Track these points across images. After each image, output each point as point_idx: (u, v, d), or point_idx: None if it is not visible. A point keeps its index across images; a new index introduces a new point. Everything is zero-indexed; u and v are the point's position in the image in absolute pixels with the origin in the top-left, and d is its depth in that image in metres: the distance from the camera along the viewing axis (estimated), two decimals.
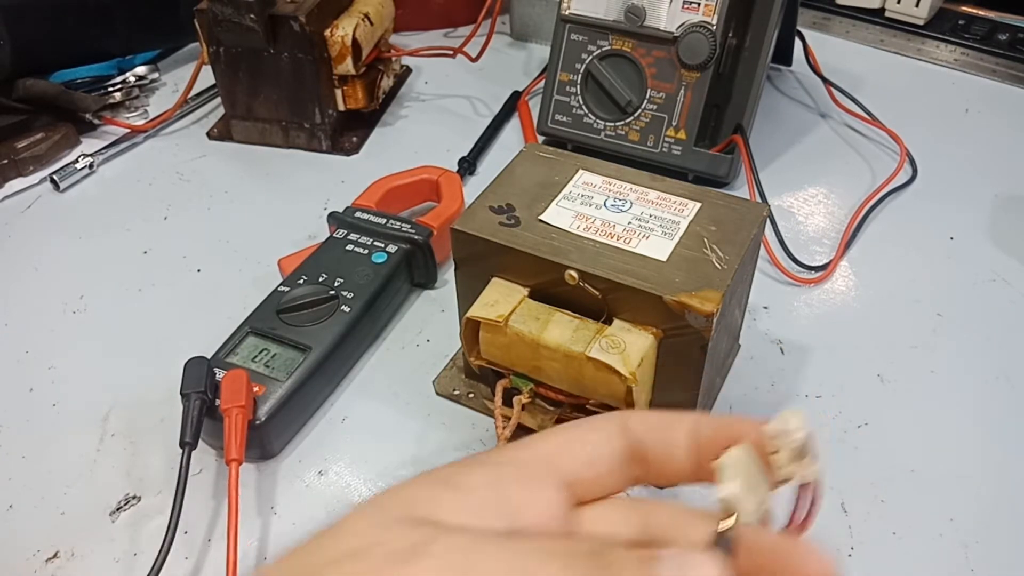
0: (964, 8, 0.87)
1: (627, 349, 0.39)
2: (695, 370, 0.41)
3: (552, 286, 0.42)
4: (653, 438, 0.25)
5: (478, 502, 0.23)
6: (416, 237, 0.55)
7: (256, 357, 0.47)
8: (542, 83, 0.70)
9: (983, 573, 0.40)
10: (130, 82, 0.76)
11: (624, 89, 0.64)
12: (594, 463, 0.25)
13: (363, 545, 0.21)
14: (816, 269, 0.57)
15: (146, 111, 0.76)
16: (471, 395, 0.49)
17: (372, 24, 0.68)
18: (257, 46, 0.65)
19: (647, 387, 0.41)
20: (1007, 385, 0.50)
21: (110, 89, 0.75)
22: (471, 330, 0.43)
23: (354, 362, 0.52)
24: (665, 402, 0.43)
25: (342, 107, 0.70)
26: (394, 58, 0.75)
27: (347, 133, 0.72)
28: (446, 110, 0.77)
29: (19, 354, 0.53)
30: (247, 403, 0.44)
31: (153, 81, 0.78)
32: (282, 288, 0.51)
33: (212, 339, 0.49)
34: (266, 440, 0.46)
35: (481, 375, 0.47)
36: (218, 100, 0.73)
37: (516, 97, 0.76)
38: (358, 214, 0.56)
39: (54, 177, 0.67)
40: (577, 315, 0.41)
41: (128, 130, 0.72)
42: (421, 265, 0.55)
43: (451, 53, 0.75)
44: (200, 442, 0.45)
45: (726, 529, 0.22)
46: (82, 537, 0.43)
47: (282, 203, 0.65)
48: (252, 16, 0.63)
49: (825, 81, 0.74)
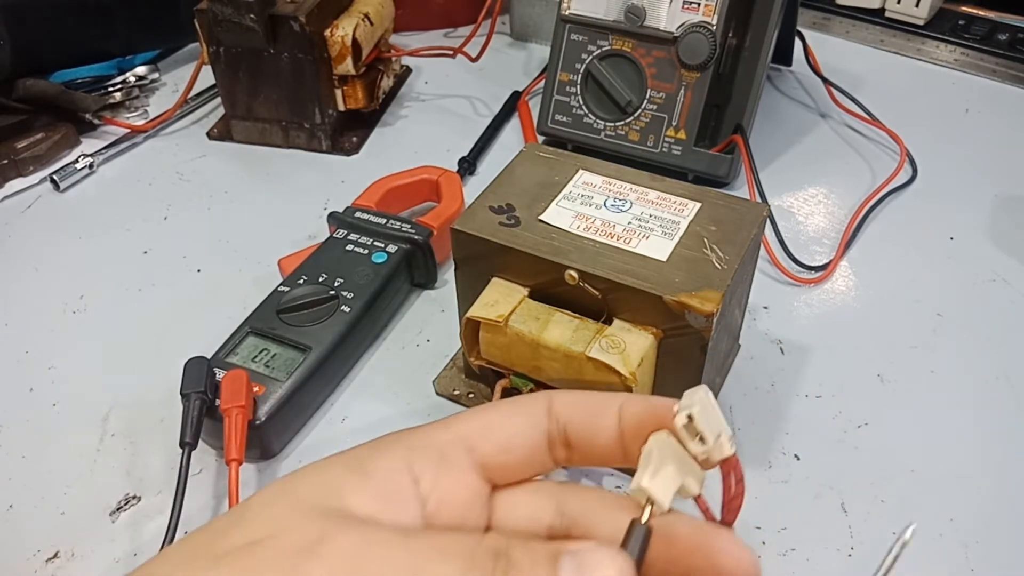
0: (964, 8, 0.87)
1: (627, 349, 0.39)
2: (695, 370, 0.41)
3: (552, 286, 0.42)
4: (579, 421, 0.24)
5: (389, 489, 0.22)
6: (416, 237, 0.55)
7: (256, 357, 0.48)
8: (542, 83, 0.70)
9: (983, 573, 0.40)
10: (130, 82, 0.76)
11: (624, 89, 0.64)
12: (513, 447, 0.24)
13: (262, 536, 0.21)
14: (816, 269, 0.57)
15: (146, 111, 0.76)
16: (471, 395, 0.49)
17: (372, 24, 0.68)
18: (257, 46, 0.65)
19: (647, 387, 0.41)
20: (1007, 385, 0.50)
21: (110, 89, 0.75)
22: (471, 330, 0.43)
23: (354, 362, 0.52)
24: None
25: (342, 107, 0.70)
26: (394, 58, 0.75)
27: (347, 133, 0.72)
28: (446, 110, 0.77)
29: (19, 354, 0.53)
30: (247, 403, 0.44)
31: (153, 81, 0.78)
32: (282, 288, 0.51)
33: (212, 339, 0.49)
34: (266, 440, 0.46)
35: (481, 375, 0.47)
36: (218, 100, 0.73)
37: (516, 97, 0.76)
38: (358, 214, 0.56)
39: (54, 177, 0.67)
40: (577, 315, 0.41)
41: (128, 130, 0.72)
42: (421, 265, 0.55)
43: (451, 53, 0.75)
44: (200, 442, 0.45)
45: (641, 520, 0.21)
46: (82, 537, 0.43)
47: (282, 203, 0.65)
48: (252, 16, 0.63)
49: (825, 81, 0.74)
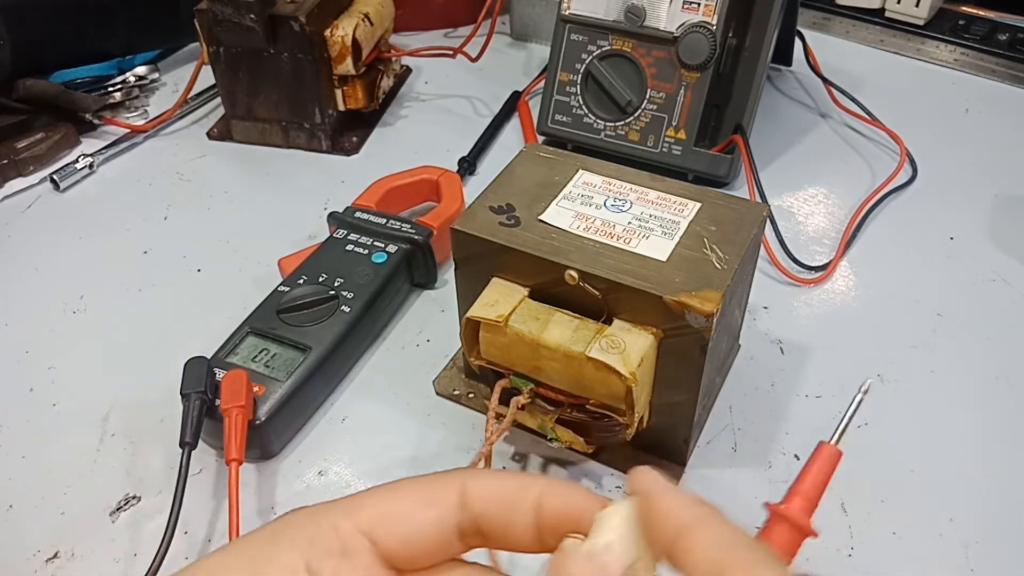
0: (964, 8, 0.87)
1: (627, 349, 0.39)
2: (695, 370, 0.41)
3: (552, 286, 0.42)
4: (494, 512, 0.23)
5: None
6: (416, 237, 0.55)
7: (256, 357, 0.48)
8: (542, 83, 0.70)
9: (983, 573, 0.40)
10: (130, 82, 0.76)
11: (624, 89, 0.64)
12: (416, 541, 0.23)
13: None
14: (816, 269, 0.57)
15: (146, 111, 0.76)
16: (471, 395, 0.49)
17: (372, 24, 0.68)
18: (257, 46, 0.65)
19: (647, 387, 0.41)
20: (1007, 385, 0.50)
21: (110, 89, 0.75)
22: (471, 330, 0.43)
23: (354, 362, 0.52)
24: (665, 402, 0.43)
25: (342, 107, 0.70)
26: (394, 58, 0.75)
27: (347, 133, 0.72)
28: (446, 110, 0.77)
29: (19, 354, 0.53)
30: (247, 403, 0.44)
31: (153, 81, 0.78)
32: (282, 288, 0.51)
33: (212, 339, 0.49)
34: (266, 440, 0.46)
35: (481, 375, 0.47)
36: (218, 100, 0.73)
37: (516, 97, 0.76)
38: (358, 214, 0.56)
39: (54, 177, 0.67)
40: (577, 315, 0.41)
41: (128, 130, 0.72)
42: (421, 265, 0.55)
43: (451, 53, 0.75)
44: (200, 442, 0.45)
45: None
46: (82, 537, 0.43)
47: (282, 203, 0.65)
48: (252, 16, 0.63)
49: (825, 81, 0.74)
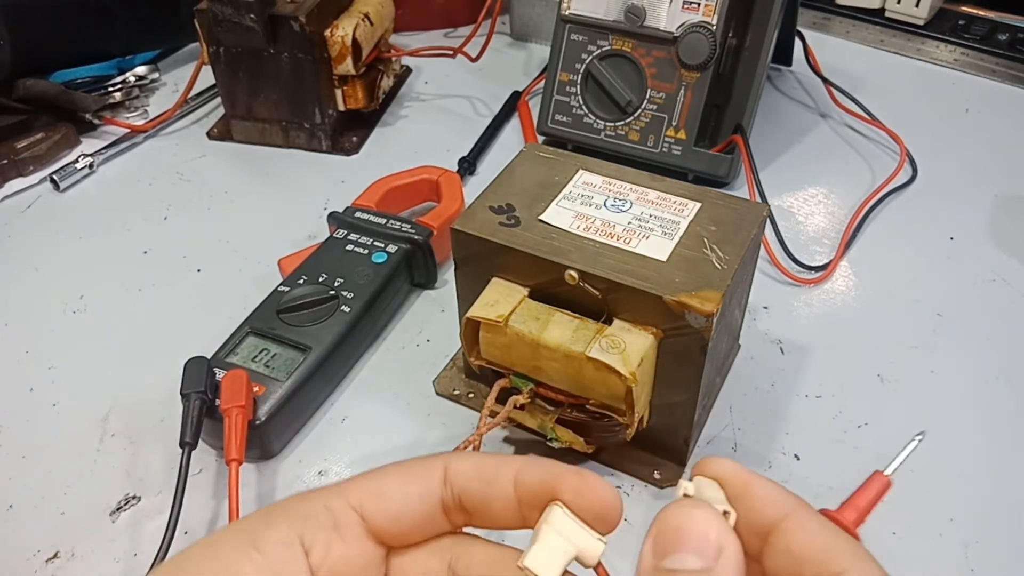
0: (964, 8, 0.87)
1: (627, 349, 0.39)
2: (695, 370, 0.41)
3: (552, 286, 0.42)
4: (474, 488, 0.24)
5: (278, 563, 0.23)
6: (416, 237, 0.55)
7: (256, 357, 0.47)
8: (542, 83, 0.70)
9: (983, 573, 0.40)
10: (130, 82, 0.76)
11: (624, 89, 0.64)
12: (405, 515, 0.24)
13: None
14: (816, 269, 0.57)
15: (146, 111, 0.76)
16: (471, 395, 0.49)
17: (372, 24, 0.68)
18: (257, 46, 0.65)
19: (647, 387, 0.41)
20: (1007, 385, 0.50)
21: (110, 89, 0.75)
22: (471, 330, 0.43)
23: (354, 362, 0.52)
24: (665, 402, 0.43)
25: (342, 107, 0.70)
26: (394, 58, 0.75)
27: (347, 133, 0.72)
28: (446, 110, 0.77)
29: (19, 354, 0.53)
30: (247, 403, 0.44)
31: (153, 81, 0.78)
32: (282, 288, 0.51)
33: (212, 339, 0.49)
34: (266, 440, 0.46)
35: (481, 375, 0.47)
36: (218, 100, 0.73)
37: (516, 97, 0.76)
38: (358, 214, 0.56)
39: (54, 177, 0.67)
40: (577, 315, 0.41)
41: (128, 130, 0.72)
42: (421, 265, 0.55)
43: (451, 53, 0.75)
44: (200, 442, 0.45)
45: None
46: (82, 537, 0.43)
47: (282, 203, 0.65)
48: (252, 16, 0.63)
49: (825, 81, 0.74)
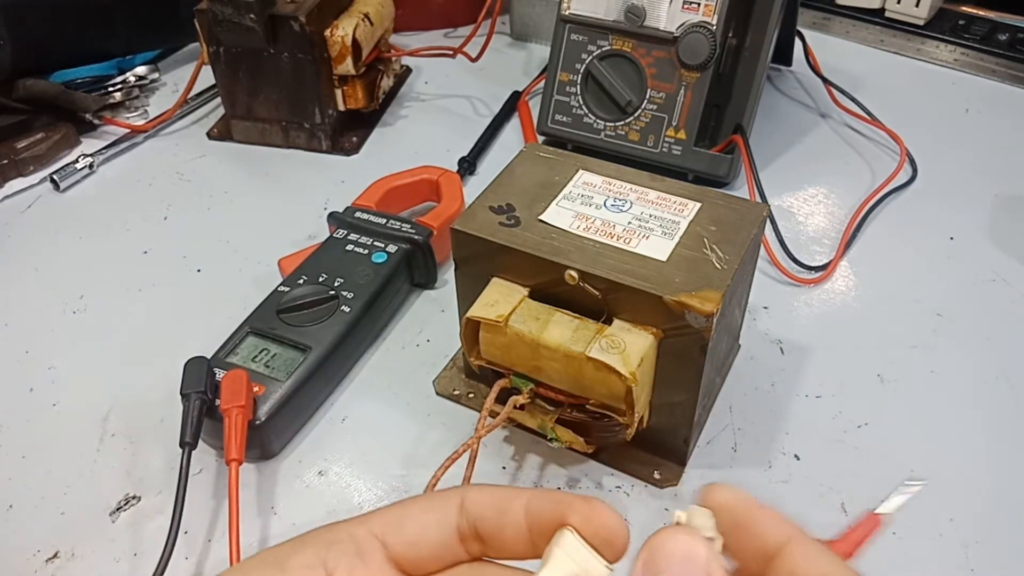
0: (964, 8, 0.87)
1: (627, 349, 0.39)
2: (695, 370, 0.41)
3: (552, 286, 0.42)
4: (488, 516, 0.25)
5: None
6: (416, 237, 0.55)
7: (256, 357, 0.48)
8: (542, 83, 0.70)
9: (983, 573, 0.40)
10: (130, 82, 0.76)
11: (624, 89, 0.64)
12: (422, 542, 0.25)
13: None
14: (816, 269, 0.57)
15: (146, 111, 0.76)
16: (471, 395, 0.49)
17: (372, 24, 0.68)
18: (257, 46, 0.65)
19: (647, 387, 0.41)
20: (1007, 385, 0.50)
21: (110, 89, 0.75)
22: (471, 330, 0.43)
23: (354, 362, 0.52)
24: (665, 402, 0.43)
25: (342, 107, 0.70)
26: (394, 58, 0.75)
27: (347, 133, 0.72)
28: (446, 110, 0.77)
29: (19, 354, 0.53)
30: (247, 403, 0.44)
31: (153, 81, 0.78)
32: (282, 288, 0.51)
33: (212, 339, 0.49)
34: (266, 440, 0.46)
35: (481, 375, 0.47)
36: (218, 100, 0.73)
37: (516, 97, 0.76)
38: (358, 214, 0.56)
39: (54, 177, 0.67)
40: (577, 315, 0.41)
41: (128, 130, 0.72)
42: (421, 265, 0.55)
43: (451, 53, 0.75)
44: (200, 442, 0.45)
45: None
46: (82, 537, 0.43)
47: (282, 203, 0.65)
48: (252, 16, 0.63)
49: (825, 81, 0.74)
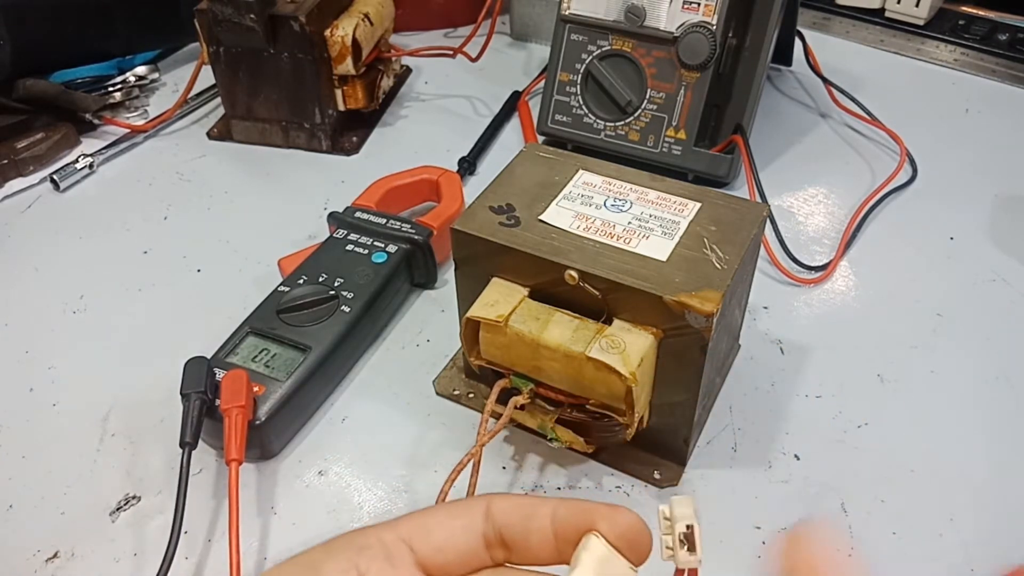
0: (964, 8, 0.87)
1: (627, 349, 0.39)
2: (695, 370, 0.41)
3: (552, 286, 0.42)
4: (514, 522, 0.26)
5: None
6: (416, 237, 0.55)
7: (256, 357, 0.48)
8: (542, 83, 0.70)
9: (983, 573, 0.40)
10: (130, 82, 0.76)
11: (624, 89, 0.64)
12: (449, 548, 0.26)
13: None
14: (816, 269, 0.57)
15: (146, 111, 0.76)
16: (471, 395, 0.49)
17: (372, 24, 0.68)
18: (257, 46, 0.65)
19: (647, 387, 0.41)
20: (1007, 385, 0.50)
21: (110, 89, 0.75)
22: (471, 330, 0.43)
23: (354, 362, 0.52)
24: (665, 402, 0.43)
25: (342, 107, 0.70)
26: (394, 58, 0.75)
27: (347, 133, 0.72)
28: (446, 110, 0.77)
29: (19, 354, 0.53)
30: (247, 403, 0.44)
31: (153, 81, 0.78)
32: (282, 288, 0.51)
33: (212, 339, 0.49)
34: (266, 440, 0.46)
35: (481, 375, 0.47)
36: (218, 100, 0.73)
37: (516, 97, 0.76)
38: (358, 214, 0.56)
39: (54, 177, 0.67)
40: (577, 315, 0.41)
41: (128, 130, 0.72)
42: (421, 265, 0.55)
43: (451, 53, 0.75)
44: (200, 442, 0.45)
45: None
46: (82, 537, 0.43)
47: (282, 203, 0.65)
48: (252, 16, 0.63)
49: (825, 81, 0.74)
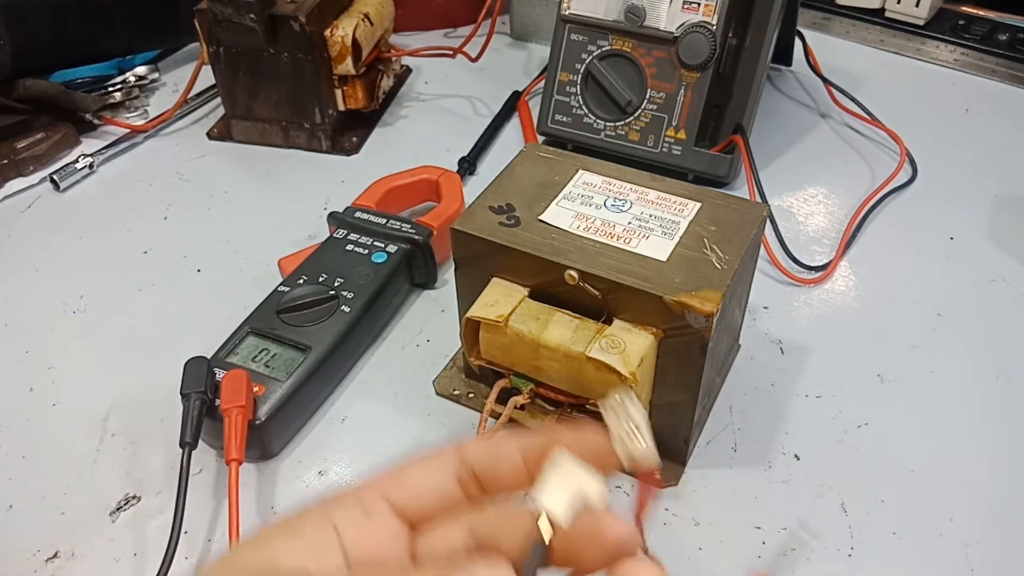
0: (964, 8, 0.87)
1: (627, 349, 0.39)
2: (695, 370, 0.41)
3: (552, 286, 0.42)
4: (484, 459, 0.27)
5: (313, 543, 0.25)
6: (416, 237, 0.55)
7: (256, 357, 0.48)
8: (542, 83, 0.70)
9: (983, 573, 0.40)
10: (130, 82, 0.76)
11: (624, 89, 0.64)
12: (422, 491, 0.26)
13: None
14: (816, 269, 0.57)
15: (146, 111, 0.76)
16: (471, 395, 0.49)
17: (372, 24, 0.68)
18: (257, 46, 0.65)
19: (647, 387, 0.41)
20: (1007, 385, 0.50)
21: (110, 89, 0.75)
22: (471, 330, 0.43)
23: (354, 362, 0.52)
24: (665, 402, 0.43)
25: (342, 107, 0.70)
26: (394, 58, 0.75)
27: (347, 133, 0.72)
28: (446, 110, 0.77)
29: (19, 354, 0.53)
30: (247, 403, 0.44)
31: (153, 81, 0.78)
32: (282, 288, 0.51)
33: (212, 339, 0.49)
34: (266, 440, 0.46)
35: (481, 375, 0.47)
36: (218, 100, 0.73)
37: (516, 97, 0.76)
38: (358, 214, 0.56)
39: (54, 177, 0.67)
40: (577, 315, 0.41)
41: (128, 130, 0.72)
42: (421, 265, 0.55)
43: (451, 53, 0.75)
44: (200, 442, 0.45)
45: (540, 526, 0.24)
46: (82, 537, 0.43)
47: (282, 203, 0.65)
48: (252, 16, 0.63)
49: (825, 81, 0.74)
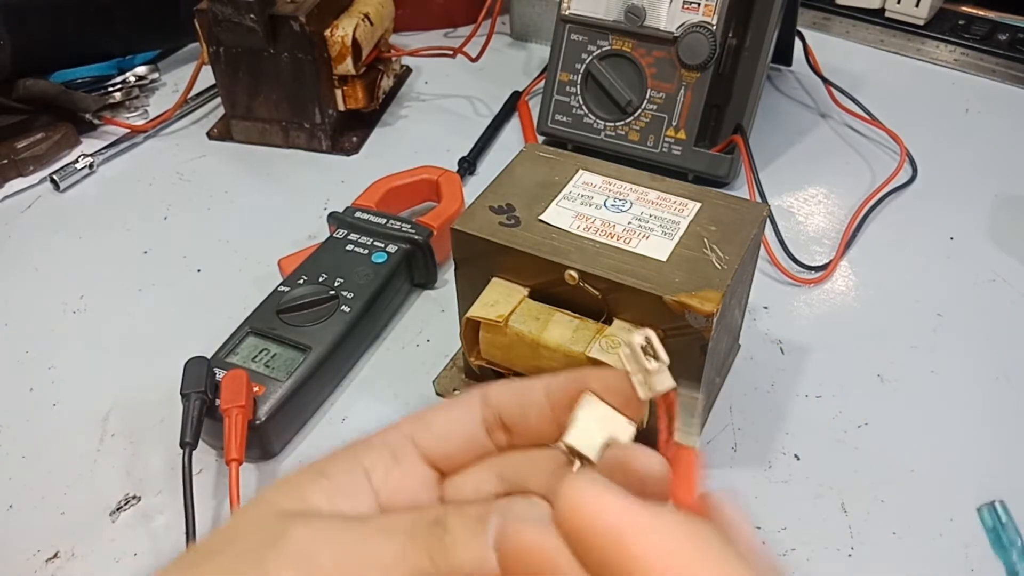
0: (964, 8, 0.87)
1: None
2: (695, 370, 0.40)
3: (552, 286, 0.42)
4: (510, 402, 0.26)
5: (344, 485, 0.25)
6: (416, 237, 0.55)
7: (256, 357, 0.48)
8: (542, 83, 0.70)
9: (983, 573, 0.40)
10: (130, 82, 0.76)
11: (624, 89, 0.64)
12: (451, 435, 0.26)
13: (238, 537, 0.24)
14: (816, 269, 0.57)
15: (146, 111, 0.76)
16: None
17: (372, 24, 0.68)
18: (257, 46, 0.65)
19: None
20: (1007, 385, 0.50)
21: (110, 89, 0.75)
22: (471, 330, 0.43)
23: (354, 362, 0.52)
24: None
25: (342, 107, 0.70)
26: (394, 58, 0.75)
27: (347, 133, 0.72)
28: (446, 110, 0.77)
29: (19, 354, 0.53)
30: (247, 403, 0.44)
31: (153, 81, 0.78)
32: (282, 288, 0.51)
33: (212, 339, 0.49)
34: (266, 440, 0.46)
35: (481, 375, 0.47)
36: (218, 100, 0.73)
37: (516, 97, 0.76)
38: (358, 214, 0.56)
39: (54, 177, 0.67)
40: (577, 315, 0.41)
41: (128, 130, 0.72)
42: (421, 265, 0.55)
43: (451, 53, 0.75)
44: (200, 442, 0.45)
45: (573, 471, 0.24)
46: (82, 537, 0.43)
47: (282, 203, 0.65)
48: (252, 16, 0.63)
49: (825, 81, 0.74)
